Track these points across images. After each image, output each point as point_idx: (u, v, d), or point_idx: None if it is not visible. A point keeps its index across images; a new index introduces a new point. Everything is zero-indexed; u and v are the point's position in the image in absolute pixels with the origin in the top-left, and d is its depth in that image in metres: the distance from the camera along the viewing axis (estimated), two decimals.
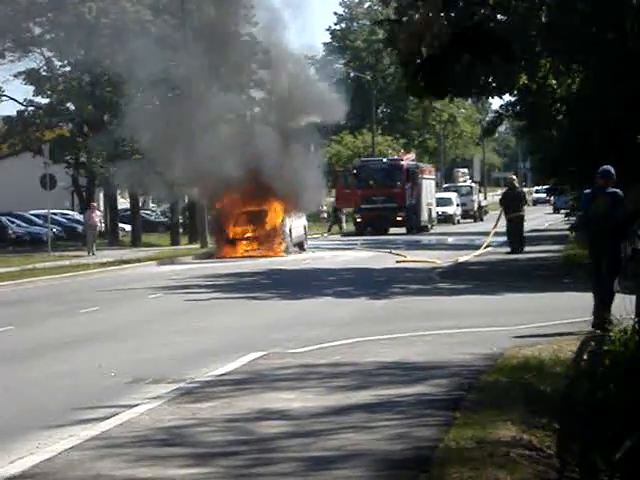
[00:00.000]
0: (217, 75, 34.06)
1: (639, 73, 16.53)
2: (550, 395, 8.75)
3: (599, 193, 12.27)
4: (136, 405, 8.89)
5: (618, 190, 12.26)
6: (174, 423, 8.05)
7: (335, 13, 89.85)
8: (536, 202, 72.96)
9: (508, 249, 29.42)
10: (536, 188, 56.80)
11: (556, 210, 62.29)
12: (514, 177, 33.11)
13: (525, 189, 47.69)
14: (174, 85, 32.85)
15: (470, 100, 76.16)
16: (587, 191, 12.60)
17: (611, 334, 10.52)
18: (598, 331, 11.64)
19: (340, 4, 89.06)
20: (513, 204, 29.43)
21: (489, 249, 31.12)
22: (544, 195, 56.62)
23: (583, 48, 16.80)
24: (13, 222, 44.31)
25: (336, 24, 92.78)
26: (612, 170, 12.42)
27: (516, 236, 29.34)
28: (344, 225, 52.69)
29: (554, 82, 19.48)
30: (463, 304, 16.65)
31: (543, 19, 18.49)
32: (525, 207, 30.34)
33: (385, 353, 11.21)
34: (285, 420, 8.03)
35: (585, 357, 10.48)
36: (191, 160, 32.03)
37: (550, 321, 13.45)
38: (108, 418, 8.39)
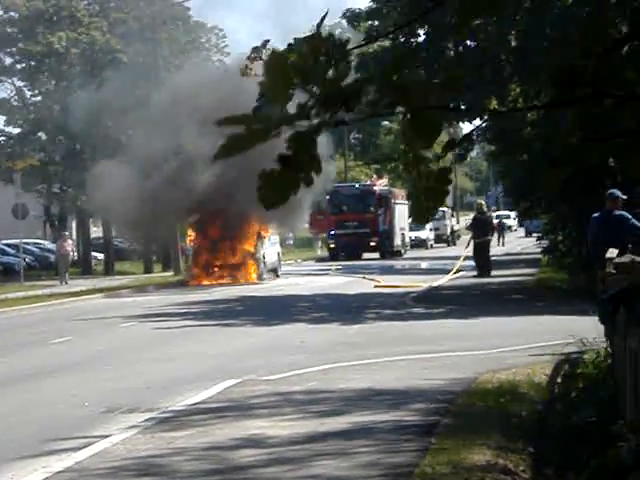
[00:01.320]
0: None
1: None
2: (525, 419, 8.77)
3: (608, 217, 11.84)
4: (111, 435, 8.83)
5: (624, 212, 11.98)
6: (149, 452, 8.00)
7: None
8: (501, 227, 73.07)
9: (475, 273, 29.73)
10: (497, 213, 57.03)
11: (528, 234, 62.63)
12: (482, 202, 33.45)
13: (494, 213, 48.00)
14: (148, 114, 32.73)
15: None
16: (596, 215, 11.99)
17: (585, 356, 10.57)
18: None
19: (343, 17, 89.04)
20: (481, 229, 29.80)
21: (461, 273, 31.26)
22: (510, 220, 56.54)
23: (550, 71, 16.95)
24: None
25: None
26: (619, 193, 12.13)
27: (483, 260, 29.68)
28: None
29: (523, 105, 19.65)
30: (437, 328, 16.68)
31: (513, 43, 18.70)
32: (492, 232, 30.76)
33: (360, 379, 11.20)
34: (261, 448, 7.99)
35: (559, 380, 10.53)
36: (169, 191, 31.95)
37: (524, 344, 13.50)
38: (82, 448, 8.32)
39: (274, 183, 2.58)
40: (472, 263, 30.80)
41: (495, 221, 37.21)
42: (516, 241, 57.42)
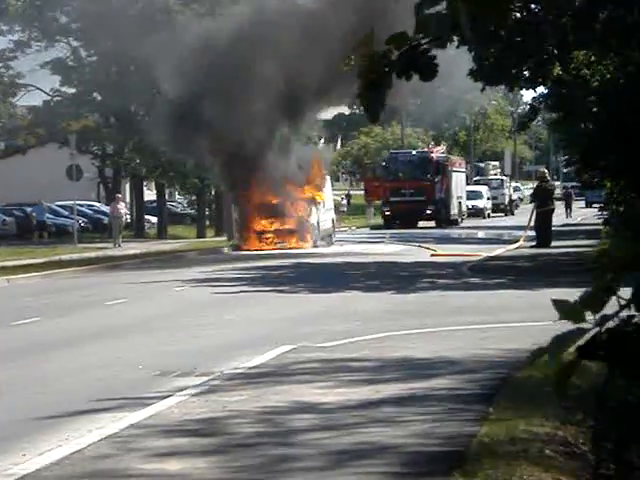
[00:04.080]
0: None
1: None
2: (585, 391, 8.60)
3: None
4: (165, 398, 8.83)
5: None
6: (203, 416, 7.98)
7: None
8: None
9: (534, 242, 29.32)
10: (564, 184, 56.29)
11: (588, 204, 61.78)
12: (545, 171, 32.87)
13: (556, 183, 47.39)
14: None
15: (501, 92, 75.68)
16: None
17: None
18: None
19: None
20: (544, 197, 29.31)
21: (520, 243, 30.90)
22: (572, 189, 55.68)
23: (617, 37, 16.58)
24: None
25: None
26: None
27: (544, 230, 29.20)
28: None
29: (587, 73, 19.23)
30: (495, 299, 16.48)
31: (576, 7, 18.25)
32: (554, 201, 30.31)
33: (415, 348, 11.09)
34: (314, 414, 7.94)
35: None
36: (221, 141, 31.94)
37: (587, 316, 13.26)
38: (137, 410, 8.34)
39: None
40: (533, 233, 30.42)
41: (560, 191, 36.56)
42: (577, 211, 56.70)
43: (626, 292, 2.63)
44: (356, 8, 29.15)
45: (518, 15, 15.45)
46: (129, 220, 44.81)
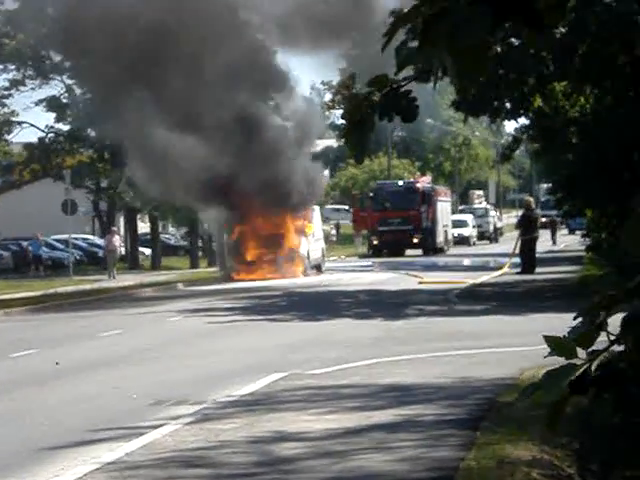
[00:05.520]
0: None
1: None
2: (570, 414, 8.79)
3: None
4: (159, 427, 8.98)
5: None
6: (197, 445, 8.13)
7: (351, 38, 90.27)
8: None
9: (519, 269, 29.66)
10: (548, 212, 56.63)
11: (571, 232, 62.15)
12: (531, 199, 33.25)
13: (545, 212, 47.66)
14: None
15: (485, 123, 76.17)
16: None
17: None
18: None
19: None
20: (529, 226, 29.69)
21: (505, 270, 31.16)
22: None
23: (595, 69, 16.92)
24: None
25: (351, 49, 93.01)
26: None
27: (528, 257, 29.59)
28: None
29: (567, 104, 19.59)
30: (481, 325, 16.68)
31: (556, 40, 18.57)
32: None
33: (404, 374, 11.27)
34: (306, 441, 8.09)
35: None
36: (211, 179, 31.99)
37: None
38: (132, 440, 8.47)
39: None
40: (518, 260, 30.68)
41: (544, 219, 36.82)
42: (560, 238, 57.03)
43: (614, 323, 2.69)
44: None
45: (499, 49, 15.74)
46: (123, 252, 45.00)
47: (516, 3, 2.66)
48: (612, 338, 2.67)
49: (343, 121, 3.56)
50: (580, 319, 2.74)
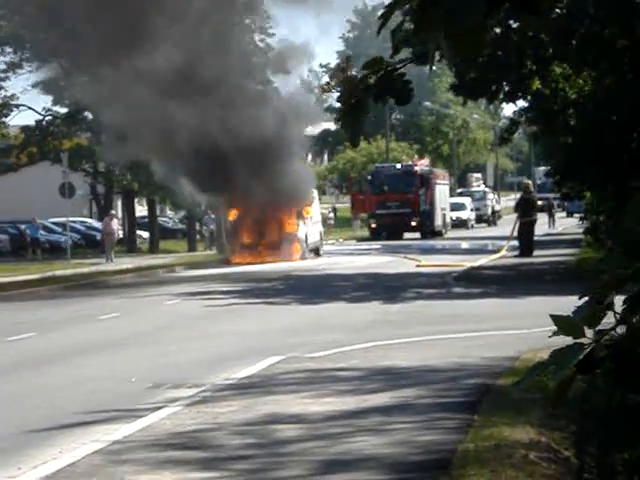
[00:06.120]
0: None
1: None
2: (569, 397, 8.79)
3: None
4: (157, 410, 8.98)
5: None
6: (195, 427, 8.14)
7: (348, 21, 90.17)
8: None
9: (517, 252, 29.67)
10: (547, 195, 56.59)
11: (569, 214, 62.16)
12: (529, 182, 33.25)
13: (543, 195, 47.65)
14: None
15: (483, 106, 76.06)
16: None
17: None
18: None
19: (353, 12, 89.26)
20: (527, 209, 29.69)
21: (503, 253, 31.17)
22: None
23: (594, 52, 16.88)
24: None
25: (349, 32, 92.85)
26: None
27: (526, 240, 29.59)
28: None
29: (566, 86, 19.54)
30: (479, 308, 16.69)
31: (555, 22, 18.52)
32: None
33: (401, 357, 11.28)
34: (303, 423, 8.11)
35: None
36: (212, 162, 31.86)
37: None
38: (130, 423, 8.48)
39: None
40: (516, 243, 30.70)
41: (540, 202, 36.82)
42: (558, 221, 57.07)
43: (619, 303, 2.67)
44: None
45: (497, 31, 15.73)
46: (121, 236, 45.00)
47: None
48: (618, 318, 2.66)
49: (339, 104, 3.54)
50: (585, 299, 2.72)
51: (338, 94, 3.53)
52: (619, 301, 2.71)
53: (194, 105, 30.78)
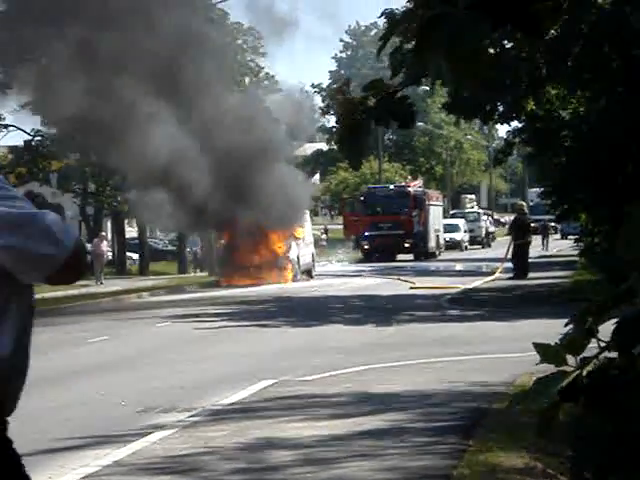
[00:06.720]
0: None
1: None
2: (564, 421, 8.71)
3: None
4: (148, 434, 8.87)
5: None
6: (186, 452, 8.04)
7: (341, 40, 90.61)
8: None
9: (511, 274, 29.61)
10: (541, 217, 56.75)
11: (563, 236, 62.25)
12: (523, 203, 33.21)
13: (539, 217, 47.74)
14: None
15: (477, 126, 76.28)
16: None
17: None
18: None
19: (346, 32, 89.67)
20: (521, 230, 29.64)
21: (497, 275, 31.11)
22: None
23: (589, 72, 16.91)
24: None
25: (342, 52, 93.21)
26: None
27: (521, 262, 29.52)
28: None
29: (560, 107, 19.59)
30: (473, 331, 16.61)
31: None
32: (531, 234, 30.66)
33: (395, 380, 11.19)
34: (295, 448, 8.01)
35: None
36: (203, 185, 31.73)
37: None
38: (120, 447, 8.38)
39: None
40: (510, 265, 30.65)
41: (534, 225, 36.76)
42: (552, 243, 57.13)
43: (605, 330, 2.66)
44: None
45: (492, 51, 15.73)
46: (111, 257, 44.88)
47: (513, 9, 2.59)
48: (602, 345, 2.61)
49: (336, 125, 3.48)
50: (571, 326, 2.68)
51: (336, 116, 3.48)
52: (609, 328, 2.66)
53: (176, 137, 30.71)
